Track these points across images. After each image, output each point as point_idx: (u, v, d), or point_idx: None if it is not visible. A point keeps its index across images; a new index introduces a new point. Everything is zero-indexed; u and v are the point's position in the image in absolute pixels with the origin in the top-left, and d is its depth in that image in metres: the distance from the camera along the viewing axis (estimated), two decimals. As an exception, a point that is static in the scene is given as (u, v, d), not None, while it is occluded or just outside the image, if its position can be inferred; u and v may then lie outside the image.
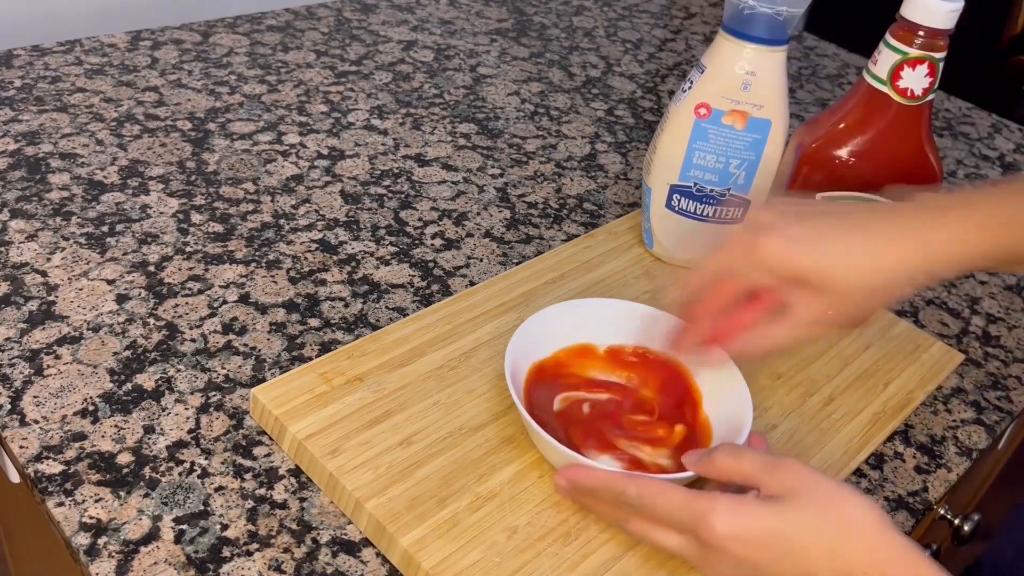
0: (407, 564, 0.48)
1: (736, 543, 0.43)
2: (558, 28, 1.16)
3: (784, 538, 0.43)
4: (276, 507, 0.51)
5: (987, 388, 0.70)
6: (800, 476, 0.45)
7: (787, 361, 0.66)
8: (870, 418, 0.63)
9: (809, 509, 0.43)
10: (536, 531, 0.50)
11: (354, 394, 0.56)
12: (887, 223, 0.51)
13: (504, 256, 0.74)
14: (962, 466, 0.63)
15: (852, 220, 0.51)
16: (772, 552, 0.43)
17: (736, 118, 0.66)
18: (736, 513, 0.43)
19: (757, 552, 0.43)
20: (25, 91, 0.83)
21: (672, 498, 0.45)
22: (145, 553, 0.48)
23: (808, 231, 0.50)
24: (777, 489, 0.44)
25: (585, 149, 0.91)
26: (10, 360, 0.57)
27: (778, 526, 0.43)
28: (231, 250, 0.69)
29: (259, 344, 0.62)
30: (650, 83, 1.06)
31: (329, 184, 0.78)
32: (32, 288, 0.63)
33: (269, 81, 0.92)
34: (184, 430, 0.55)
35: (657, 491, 0.46)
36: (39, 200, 0.71)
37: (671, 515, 0.45)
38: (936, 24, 0.58)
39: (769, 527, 0.43)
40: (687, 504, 0.44)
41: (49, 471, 0.51)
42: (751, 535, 0.43)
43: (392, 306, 0.67)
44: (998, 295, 0.82)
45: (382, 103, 0.92)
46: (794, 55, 1.23)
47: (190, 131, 0.82)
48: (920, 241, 0.50)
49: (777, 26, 0.63)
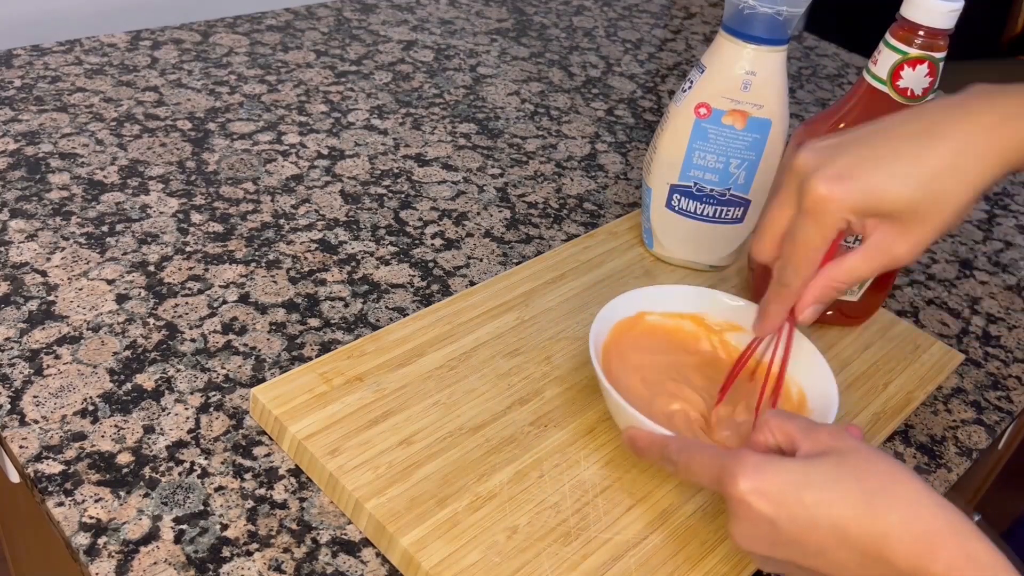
0: (407, 564, 0.48)
1: (759, 497, 0.41)
2: (558, 28, 1.16)
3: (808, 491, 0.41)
4: (276, 507, 0.51)
5: (987, 388, 0.70)
6: (839, 438, 0.43)
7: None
8: (870, 418, 0.63)
9: (841, 467, 0.42)
10: (536, 531, 0.50)
11: (354, 394, 0.56)
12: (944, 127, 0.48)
13: (504, 256, 0.74)
14: (962, 466, 0.63)
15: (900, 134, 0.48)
16: (794, 507, 0.41)
17: (736, 118, 0.66)
18: (761, 467, 0.42)
19: (779, 507, 0.41)
20: (25, 91, 0.83)
21: (705, 455, 0.45)
22: (145, 553, 0.48)
23: (854, 161, 0.48)
24: (814, 449, 0.43)
25: (585, 149, 0.91)
26: (10, 360, 0.57)
27: (803, 479, 0.41)
28: (231, 250, 0.69)
29: (259, 344, 0.62)
30: (650, 83, 1.06)
31: (329, 184, 0.78)
32: (32, 288, 0.63)
33: (269, 81, 0.92)
34: (184, 430, 0.55)
35: (694, 448, 0.46)
36: (39, 200, 0.71)
37: (704, 472, 0.45)
38: (936, 24, 0.58)
39: (793, 479, 0.41)
40: (717, 461, 0.44)
41: (49, 471, 0.51)
42: (773, 488, 0.41)
43: (392, 306, 0.67)
44: (998, 295, 0.82)
45: (382, 103, 0.92)
46: (794, 55, 1.23)
47: (190, 131, 0.82)
48: (988, 139, 0.47)
49: (777, 26, 0.63)
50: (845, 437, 0.44)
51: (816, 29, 1.32)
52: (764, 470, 0.42)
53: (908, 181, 0.47)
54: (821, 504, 0.41)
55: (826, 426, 0.45)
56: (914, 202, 0.47)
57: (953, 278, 0.83)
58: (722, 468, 0.43)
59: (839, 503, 0.41)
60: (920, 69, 0.59)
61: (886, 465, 0.42)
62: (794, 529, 0.41)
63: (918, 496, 0.41)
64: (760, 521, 0.42)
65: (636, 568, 0.50)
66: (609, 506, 0.52)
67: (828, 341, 0.69)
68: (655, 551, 0.51)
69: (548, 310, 0.66)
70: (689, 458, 0.46)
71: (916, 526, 0.40)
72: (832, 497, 0.41)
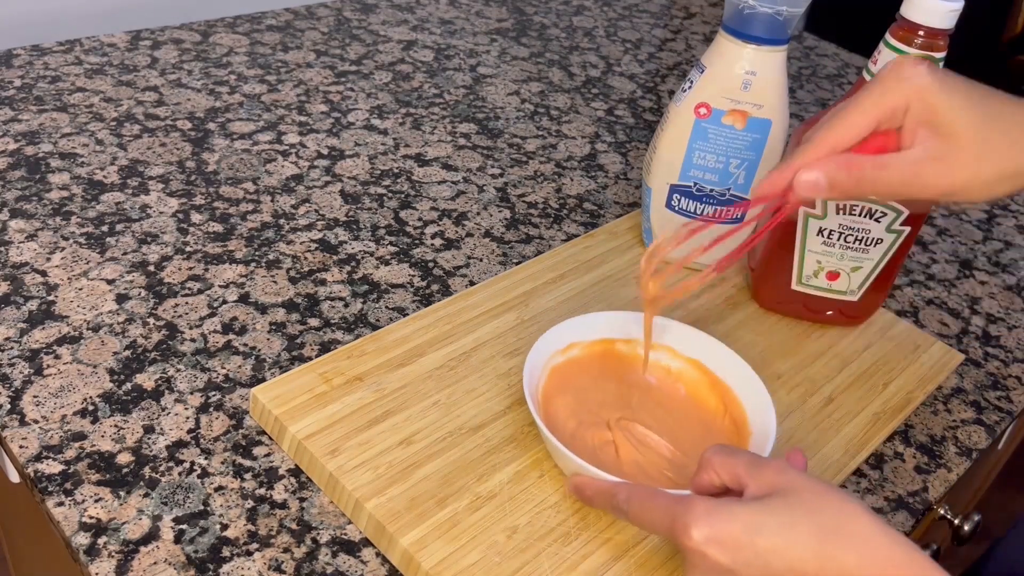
0: (407, 564, 0.48)
1: (714, 546, 0.41)
2: (558, 28, 1.16)
3: (762, 536, 0.41)
4: (276, 507, 0.51)
5: (987, 388, 0.70)
6: (786, 475, 0.43)
7: (787, 361, 0.66)
8: (870, 418, 0.63)
9: (793, 508, 0.41)
10: (536, 531, 0.50)
11: (354, 394, 0.56)
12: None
13: (504, 256, 0.74)
14: (962, 466, 0.63)
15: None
16: (749, 553, 0.40)
17: (736, 118, 0.66)
18: (712, 515, 0.41)
19: (735, 554, 0.41)
20: (25, 91, 0.83)
21: (656, 504, 0.44)
22: (145, 553, 0.48)
23: (956, 80, 0.47)
24: (760, 490, 0.43)
25: (585, 149, 0.91)
26: (10, 360, 0.57)
27: (757, 524, 0.41)
28: (231, 250, 0.69)
29: (259, 344, 0.62)
30: (650, 83, 1.06)
31: (329, 184, 0.78)
32: (32, 288, 0.63)
33: (269, 81, 0.92)
34: (184, 430, 0.55)
35: (644, 497, 0.45)
36: (39, 200, 0.71)
37: (655, 521, 0.44)
38: (936, 24, 0.58)
39: (747, 525, 0.41)
40: (668, 509, 0.43)
41: (49, 471, 0.51)
42: (728, 535, 0.41)
43: (392, 306, 0.67)
44: (998, 295, 0.82)
45: (382, 103, 0.92)
46: (794, 55, 1.23)
47: (190, 131, 0.82)
48: None
49: (777, 26, 0.63)
50: (791, 473, 0.43)
51: (816, 29, 1.32)
52: (716, 517, 0.41)
53: (987, 112, 0.46)
54: (776, 550, 0.40)
55: (771, 462, 0.44)
56: (976, 134, 0.46)
57: (953, 278, 0.83)
58: (673, 518, 0.43)
59: (794, 547, 0.40)
60: (920, 69, 0.59)
61: (836, 501, 0.42)
62: (751, 573, 0.41)
63: (871, 532, 0.40)
64: (717, 569, 0.41)
65: (636, 568, 0.50)
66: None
67: (828, 341, 0.69)
68: (655, 551, 0.51)
69: (548, 310, 0.66)
70: (640, 508, 0.45)
71: (873, 566, 0.40)
72: (787, 541, 0.40)
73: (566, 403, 0.57)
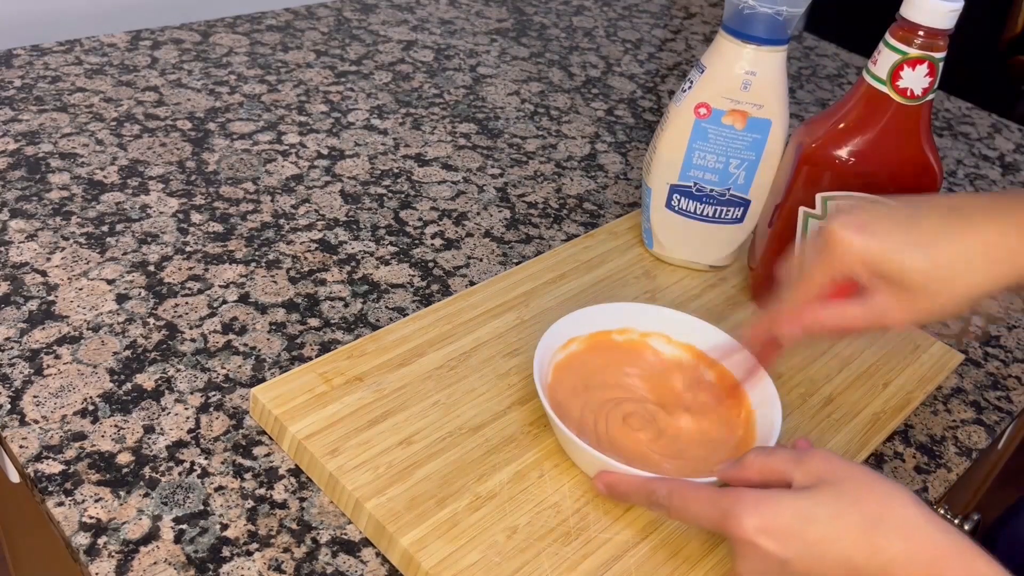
0: (407, 564, 0.48)
1: (764, 536, 0.42)
2: (558, 28, 1.16)
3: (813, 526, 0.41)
4: (276, 507, 0.51)
5: (987, 388, 0.70)
6: (830, 464, 0.44)
7: (787, 361, 0.66)
8: (870, 418, 0.63)
9: (841, 497, 0.42)
10: (536, 531, 0.50)
11: (354, 394, 0.56)
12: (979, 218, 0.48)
13: (504, 256, 0.74)
14: (962, 466, 0.63)
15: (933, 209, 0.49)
16: (800, 543, 0.41)
17: (736, 118, 0.66)
18: (762, 505, 0.42)
19: (786, 544, 0.42)
20: (25, 91, 0.83)
21: (700, 497, 0.45)
22: (145, 553, 0.48)
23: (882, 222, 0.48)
24: (807, 479, 0.44)
25: (585, 149, 0.91)
26: (10, 360, 0.57)
27: (806, 514, 0.42)
28: (231, 250, 0.69)
29: (259, 344, 0.62)
30: (650, 83, 1.06)
31: (329, 184, 0.78)
32: (32, 288, 0.63)
33: (269, 81, 0.92)
34: (184, 430, 0.55)
35: (686, 492, 0.46)
36: (39, 200, 0.71)
37: (700, 514, 0.45)
38: (936, 24, 0.58)
39: (797, 516, 0.42)
40: (715, 502, 0.44)
41: (49, 471, 0.51)
42: (778, 525, 0.42)
43: (392, 306, 0.67)
44: (998, 295, 0.82)
45: (382, 103, 0.92)
46: (794, 55, 1.23)
47: (190, 131, 0.82)
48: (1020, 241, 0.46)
49: (777, 26, 0.63)
50: (836, 461, 0.44)
51: (816, 29, 1.32)
52: (766, 507, 0.42)
53: (927, 254, 0.47)
54: (826, 539, 0.41)
55: (816, 451, 0.45)
56: (926, 277, 0.47)
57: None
58: (722, 510, 0.44)
59: (844, 536, 0.41)
60: (920, 69, 0.59)
61: (883, 489, 0.42)
62: (802, 565, 0.42)
63: (918, 521, 0.41)
64: (769, 559, 0.42)
65: (636, 568, 0.50)
66: (609, 506, 0.52)
67: (828, 341, 0.68)
68: (655, 551, 0.51)
69: (548, 310, 0.66)
70: (682, 502, 0.46)
71: (921, 553, 0.40)
72: (836, 530, 0.41)
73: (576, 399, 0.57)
